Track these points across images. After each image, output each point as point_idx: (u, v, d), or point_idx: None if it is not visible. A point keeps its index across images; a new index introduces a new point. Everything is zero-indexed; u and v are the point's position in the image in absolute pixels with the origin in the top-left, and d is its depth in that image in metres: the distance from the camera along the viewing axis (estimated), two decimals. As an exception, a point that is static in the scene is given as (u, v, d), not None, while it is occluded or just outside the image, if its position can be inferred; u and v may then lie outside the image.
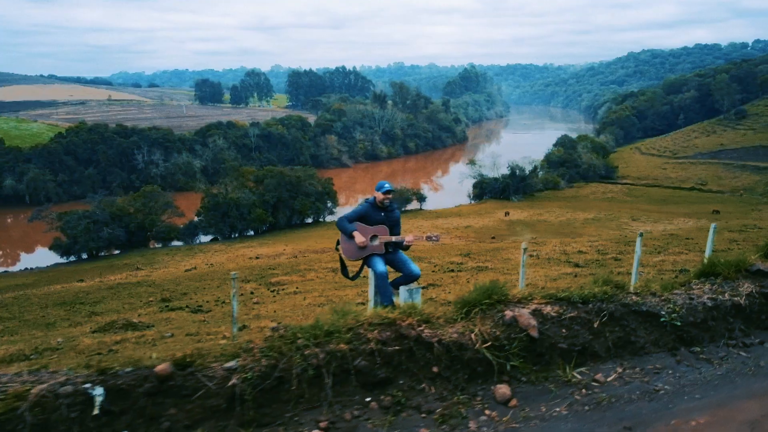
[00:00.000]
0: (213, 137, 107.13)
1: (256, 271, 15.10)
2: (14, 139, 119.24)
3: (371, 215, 6.37)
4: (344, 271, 6.54)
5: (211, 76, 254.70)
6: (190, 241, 69.95)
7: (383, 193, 6.42)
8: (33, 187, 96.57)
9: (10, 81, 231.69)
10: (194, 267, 19.40)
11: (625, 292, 4.64)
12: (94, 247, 65.67)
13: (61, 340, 7.82)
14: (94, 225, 64.58)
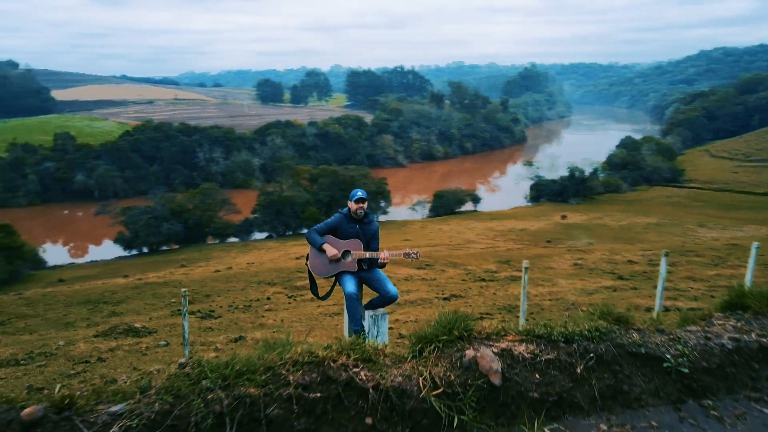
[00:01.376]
0: (272, 136, 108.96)
1: (284, 274, 14.84)
2: (87, 137, 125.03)
3: (344, 228, 5.79)
4: (313, 289, 6.02)
5: (273, 76, 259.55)
6: (246, 237, 71.24)
7: (355, 201, 5.84)
8: (101, 183, 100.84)
9: (85, 81, 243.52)
10: (229, 267, 19.40)
11: (624, 328, 3.91)
12: (154, 242, 67.83)
13: (62, 344, 7.68)
14: (154, 220, 66.70)
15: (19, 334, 9.89)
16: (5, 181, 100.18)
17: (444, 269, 15.41)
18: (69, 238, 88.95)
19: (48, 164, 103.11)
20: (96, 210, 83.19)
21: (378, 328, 4.62)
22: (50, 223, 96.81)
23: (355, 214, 5.85)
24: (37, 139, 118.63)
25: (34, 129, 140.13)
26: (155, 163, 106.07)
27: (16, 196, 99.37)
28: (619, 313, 3.96)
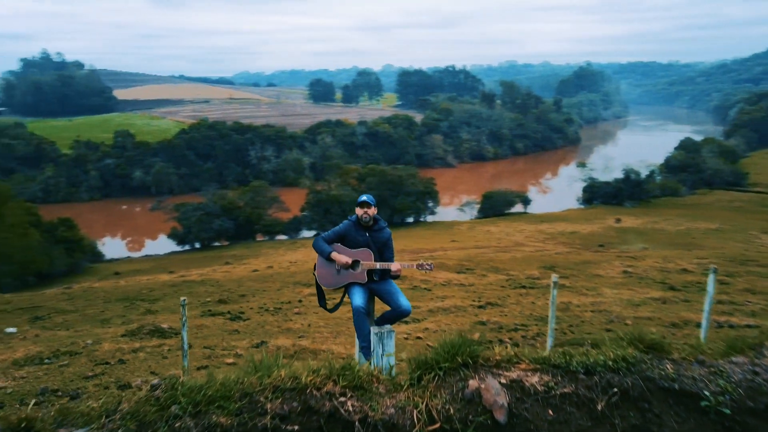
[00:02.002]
0: (322, 135, 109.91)
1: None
2: (146, 135, 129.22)
3: (353, 236, 5.46)
4: (322, 301, 5.68)
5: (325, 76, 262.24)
6: (294, 235, 72.02)
7: (359, 205, 5.51)
8: (158, 179, 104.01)
9: (145, 81, 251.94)
10: (270, 266, 19.43)
11: (657, 357, 3.43)
12: (206, 238, 69.40)
13: (90, 342, 7.69)
14: (206, 216, 68.23)
15: (56, 329, 10.04)
16: (69, 177, 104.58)
17: (485, 274, 14.95)
18: (127, 233, 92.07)
19: (108, 161, 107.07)
20: (151, 206, 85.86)
21: (383, 346, 4.30)
22: (109, 218, 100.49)
23: (362, 220, 5.50)
24: (99, 136, 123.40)
25: (97, 127, 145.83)
26: (209, 161, 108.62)
27: (78, 191, 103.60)
28: (653, 339, 3.50)
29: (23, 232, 42.30)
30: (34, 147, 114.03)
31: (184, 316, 4.29)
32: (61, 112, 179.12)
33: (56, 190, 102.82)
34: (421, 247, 49.18)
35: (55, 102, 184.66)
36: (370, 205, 5.53)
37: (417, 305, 9.79)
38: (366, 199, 5.54)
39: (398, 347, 6.94)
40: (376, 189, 70.67)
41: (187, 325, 4.34)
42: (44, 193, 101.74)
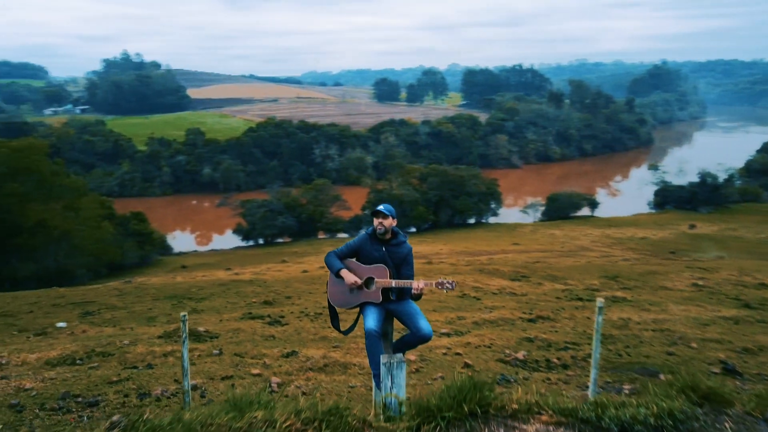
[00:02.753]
0: (385, 134, 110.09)
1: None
2: (216, 133, 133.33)
3: (368, 250, 4.94)
4: (334, 322, 5.21)
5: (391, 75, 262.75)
6: (355, 233, 72.34)
7: (373, 214, 5.01)
8: (226, 176, 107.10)
9: (217, 80, 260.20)
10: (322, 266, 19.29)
11: (714, 410, 2.84)
12: (269, 234, 70.79)
13: (126, 343, 7.66)
14: (270, 213, 69.59)
15: (103, 326, 10.15)
16: (144, 173, 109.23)
17: (541, 282, 14.23)
18: (196, 227, 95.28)
19: (180, 158, 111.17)
20: (218, 202, 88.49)
21: (392, 378, 3.84)
22: (180, 213, 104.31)
23: (376, 232, 5.02)
24: (173, 134, 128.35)
25: (171, 125, 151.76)
26: (275, 159, 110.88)
27: (152, 186, 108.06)
28: (709, 388, 2.93)
29: (97, 225, 44.19)
30: (113, 144, 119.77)
31: (184, 333, 4.03)
32: (139, 110, 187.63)
33: (131, 185, 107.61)
34: (481, 249, 48.24)
35: (133, 100, 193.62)
36: (386, 215, 5.00)
37: (462, 315, 9.31)
38: (381, 208, 5.03)
39: (435, 363, 6.51)
40: (438, 189, 70.09)
41: (187, 344, 4.08)
42: (120, 188, 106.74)
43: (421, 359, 6.64)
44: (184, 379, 3.83)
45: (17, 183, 37.36)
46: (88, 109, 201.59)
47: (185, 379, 3.82)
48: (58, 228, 38.19)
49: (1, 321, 10.23)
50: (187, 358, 4.10)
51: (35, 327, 10.03)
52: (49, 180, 40.13)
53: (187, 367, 4.12)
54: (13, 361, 6.74)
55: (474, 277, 14.57)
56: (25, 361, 6.71)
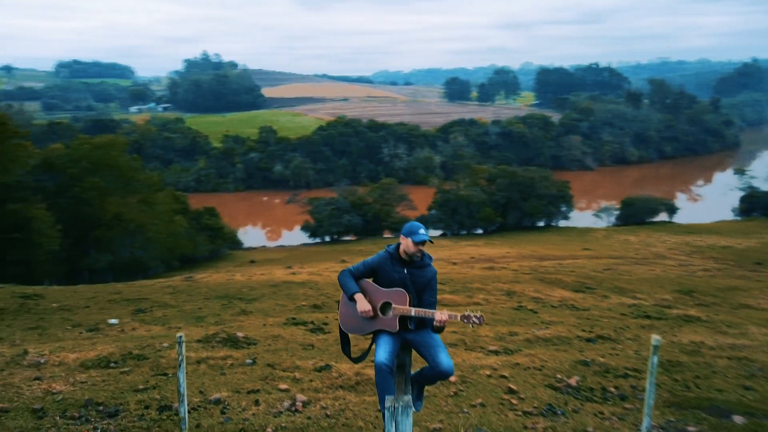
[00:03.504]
0: (454, 134, 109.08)
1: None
2: (288, 131, 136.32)
3: (388, 271, 4.39)
4: (345, 348, 4.66)
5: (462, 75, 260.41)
6: (423, 234, 71.83)
7: (415, 243, 4.36)
8: (296, 174, 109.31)
9: (290, 80, 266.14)
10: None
11: None
12: (336, 232, 71.53)
13: (165, 345, 7.58)
14: (336, 211, 70.27)
15: (152, 324, 10.21)
16: (218, 169, 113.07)
17: (606, 295, 13.31)
18: (266, 223, 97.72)
19: (253, 155, 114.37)
20: (288, 199, 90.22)
21: (396, 426, 3.35)
22: (251, 208, 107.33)
23: (406, 255, 4.44)
24: (246, 132, 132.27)
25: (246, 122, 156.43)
26: (344, 157, 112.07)
27: (226, 182, 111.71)
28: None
29: (170, 219, 45.82)
30: (190, 140, 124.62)
31: (180, 355, 3.75)
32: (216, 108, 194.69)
33: (207, 181, 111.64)
34: (549, 254, 46.71)
35: (211, 99, 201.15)
36: (424, 243, 4.43)
37: (515, 331, 8.72)
38: (425, 236, 4.42)
39: (476, 387, 6.02)
40: (506, 191, 68.63)
41: (183, 367, 3.80)
42: (196, 183, 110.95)
43: (462, 381, 6.16)
44: (181, 406, 3.57)
45: (97, 177, 39.19)
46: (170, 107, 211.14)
47: (182, 405, 3.56)
48: (133, 221, 39.81)
49: (59, 315, 10.48)
50: (184, 383, 3.83)
51: (89, 323, 10.21)
52: (127, 175, 41.93)
53: (183, 392, 3.85)
54: (51, 361, 6.75)
55: (534, 287, 13.85)
56: (63, 362, 6.70)
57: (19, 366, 6.57)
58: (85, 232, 38.97)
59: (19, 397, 5.50)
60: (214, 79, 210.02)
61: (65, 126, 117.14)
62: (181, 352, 3.81)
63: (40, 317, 10.30)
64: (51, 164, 39.32)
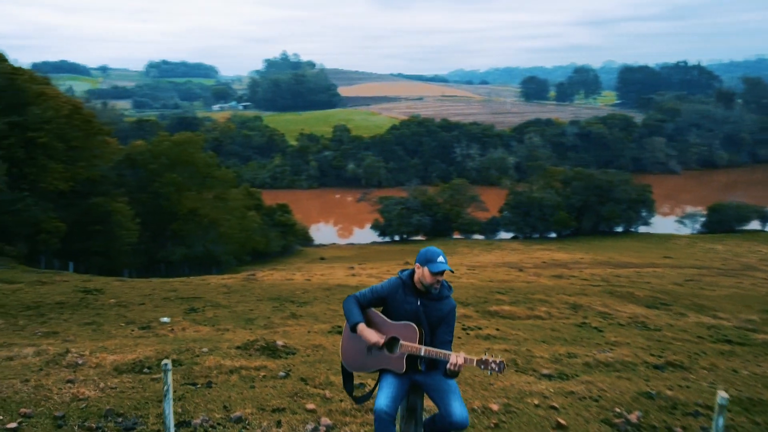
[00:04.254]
0: (529, 134, 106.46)
1: (485, 292, 13.28)
2: (362, 129, 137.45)
3: (399, 301, 3.80)
4: (347, 385, 4.05)
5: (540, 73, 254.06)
6: (491, 236, 70.62)
7: (433, 273, 3.72)
8: (368, 172, 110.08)
9: (366, 79, 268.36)
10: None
11: None
12: (405, 231, 71.32)
13: (205, 350, 7.45)
14: (406, 211, 70.07)
15: (202, 324, 10.19)
16: (293, 166, 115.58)
17: (683, 313, 12.19)
18: (338, 220, 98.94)
19: (326, 153, 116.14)
20: (358, 197, 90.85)
21: None
22: (324, 206, 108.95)
23: (422, 285, 3.80)
24: (321, 130, 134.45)
25: (322, 121, 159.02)
26: (416, 156, 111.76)
27: (299, 179, 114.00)
28: None
29: (242, 215, 46.95)
30: (267, 138, 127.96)
31: (166, 385, 3.44)
32: (293, 107, 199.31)
33: (282, 178, 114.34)
34: (626, 261, 44.50)
35: (289, 98, 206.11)
36: (447, 272, 3.78)
37: (574, 352, 8.02)
38: (444, 264, 3.74)
39: (521, 418, 5.46)
40: (582, 194, 66.17)
41: (170, 397, 3.50)
42: (272, 180, 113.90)
43: (505, 410, 5.62)
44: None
45: (175, 173, 40.64)
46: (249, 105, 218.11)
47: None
48: (207, 216, 41.04)
49: (115, 311, 10.65)
50: (171, 415, 3.53)
51: (142, 320, 10.31)
52: (203, 171, 43.26)
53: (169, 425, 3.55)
54: (89, 362, 6.72)
55: (602, 301, 12.92)
56: (100, 364, 6.65)
57: (57, 366, 6.56)
58: (162, 225, 40.54)
59: (46, 402, 5.43)
60: (293, 78, 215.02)
61: (152, 123, 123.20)
62: (167, 381, 3.51)
63: (97, 312, 10.49)
64: (133, 160, 41.16)
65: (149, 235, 39.62)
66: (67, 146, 30.19)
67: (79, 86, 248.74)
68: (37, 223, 27.24)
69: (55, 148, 29.01)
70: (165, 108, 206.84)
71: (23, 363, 6.75)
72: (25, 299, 10.71)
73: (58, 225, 28.13)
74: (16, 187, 27.15)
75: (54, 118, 28.97)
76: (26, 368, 6.51)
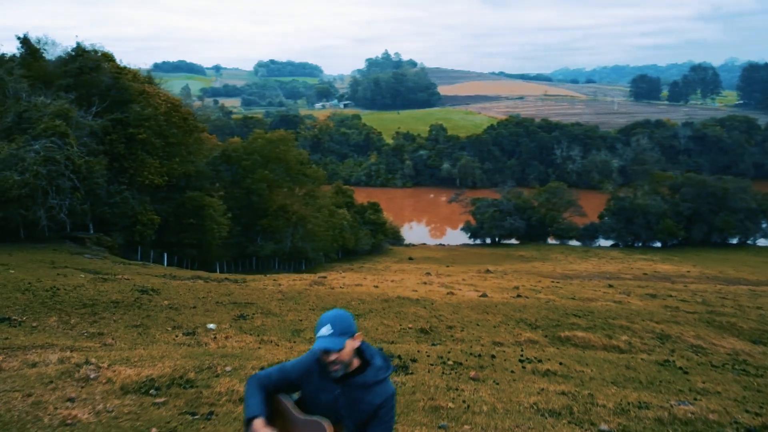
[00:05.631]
0: (637, 136, 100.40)
1: (560, 313, 12.00)
2: (459, 129, 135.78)
3: (313, 387, 2.80)
4: None
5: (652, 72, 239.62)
6: (589, 242, 67.15)
7: (319, 349, 2.68)
8: (463, 172, 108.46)
9: (466, 78, 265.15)
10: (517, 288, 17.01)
11: None
12: (497, 234, 69.28)
13: (228, 370, 6.97)
14: (499, 213, 68.01)
15: (248, 333, 9.80)
16: (388, 165, 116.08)
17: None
18: (431, 220, 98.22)
19: (422, 152, 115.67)
20: (450, 198, 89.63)
21: None
22: (417, 205, 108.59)
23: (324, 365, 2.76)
24: (418, 129, 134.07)
25: (420, 120, 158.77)
26: (513, 157, 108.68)
27: (394, 178, 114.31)
28: None
29: (330, 213, 47.28)
30: (364, 136, 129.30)
31: None
32: (392, 105, 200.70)
33: (377, 176, 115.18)
34: (740, 276, 40.41)
35: (388, 96, 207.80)
36: (340, 346, 2.70)
37: (647, 401, 6.75)
38: (328, 338, 2.69)
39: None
40: (692, 202, 61.26)
41: None
42: (367, 178, 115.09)
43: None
44: None
45: (267, 170, 41.54)
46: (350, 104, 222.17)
47: None
48: (296, 213, 41.57)
49: (165, 314, 10.50)
50: None
51: (189, 325, 10.07)
52: (294, 169, 43.93)
53: None
54: (102, 376, 6.40)
55: (697, 331, 11.26)
56: (112, 380, 6.31)
57: (69, 379, 6.28)
58: (253, 220, 41.56)
59: (33, 425, 5.07)
60: (393, 77, 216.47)
61: (256, 120, 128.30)
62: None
63: (147, 314, 10.38)
64: (228, 156, 42.52)
65: (240, 229, 40.74)
66: (165, 143, 31.52)
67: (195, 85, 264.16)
68: (134, 215, 28.56)
69: (153, 144, 30.34)
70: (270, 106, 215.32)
71: (40, 372, 6.53)
72: (84, 297, 10.81)
73: (153, 217, 29.38)
74: (115, 180, 28.62)
75: (153, 116, 30.33)
76: (39, 379, 6.27)
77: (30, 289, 11.09)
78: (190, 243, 33.84)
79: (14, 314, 9.81)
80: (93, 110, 27.96)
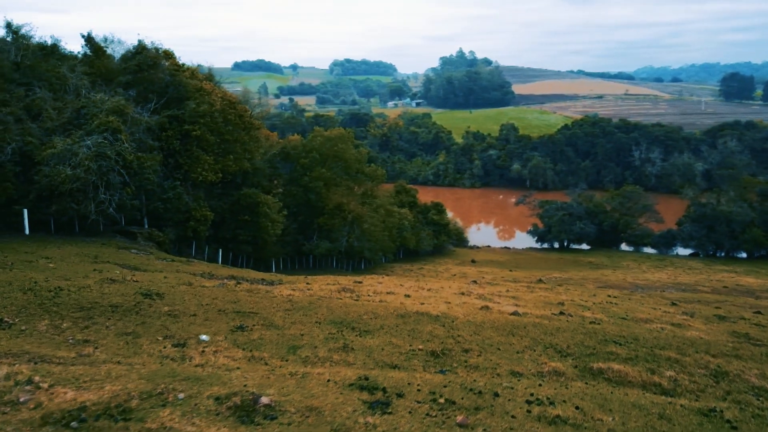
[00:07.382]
0: (724, 138, 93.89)
1: (598, 339, 10.56)
2: (532, 129, 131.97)
3: None
4: None
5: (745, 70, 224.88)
6: (665, 250, 63.17)
7: None
8: (534, 173, 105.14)
9: (543, 76, 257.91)
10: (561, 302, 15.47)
11: None
12: (565, 239, 66.41)
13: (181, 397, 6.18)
14: (568, 217, 65.13)
15: (240, 348, 9.07)
16: (456, 164, 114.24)
17: None
18: (499, 221, 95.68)
19: (491, 152, 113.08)
20: (517, 199, 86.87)
21: None
22: (486, 205, 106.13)
23: None
24: (489, 128, 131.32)
25: (492, 119, 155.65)
26: (588, 159, 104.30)
27: (462, 178, 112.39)
28: None
29: (388, 213, 46.46)
30: (433, 135, 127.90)
31: None
32: (465, 104, 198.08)
33: (445, 175, 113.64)
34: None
35: (461, 95, 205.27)
36: None
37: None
38: None
39: None
40: (783, 210, 56.27)
41: None
42: (434, 177, 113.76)
43: None
44: None
45: (325, 168, 41.21)
46: (422, 102, 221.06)
47: None
48: (353, 212, 41.03)
49: (161, 322, 9.95)
50: None
51: (182, 335, 9.45)
52: (353, 167, 43.41)
53: None
54: (35, 400, 5.77)
55: (762, 369, 9.58)
56: (41, 404, 5.64)
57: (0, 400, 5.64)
58: (310, 218, 41.35)
59: None
60: (466, 75, 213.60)
61: (327, 118, 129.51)
62: None
63: (142, 321, 9.85)
64: (287, 154, 42.52)
65: (297, 227, 40.62)
66: (220, 139, 31.65)
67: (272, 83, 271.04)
68: (187, 210, 28.75)
69: (208, 140, 30.50)
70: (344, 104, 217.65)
71: (-26, 390, 5.96)
72: (84, 300, 10.43)
73: (206, 213, 29.49)
74: (170, 176, 28.95)
75: (208, 113, 30.48)
76: (-34, 399, 5.68)
77: (33, 289, 10.83)
78: (245, 240, 33.89)
79: (8, 316, 9.50)
80: (150, 106, 28.36)
